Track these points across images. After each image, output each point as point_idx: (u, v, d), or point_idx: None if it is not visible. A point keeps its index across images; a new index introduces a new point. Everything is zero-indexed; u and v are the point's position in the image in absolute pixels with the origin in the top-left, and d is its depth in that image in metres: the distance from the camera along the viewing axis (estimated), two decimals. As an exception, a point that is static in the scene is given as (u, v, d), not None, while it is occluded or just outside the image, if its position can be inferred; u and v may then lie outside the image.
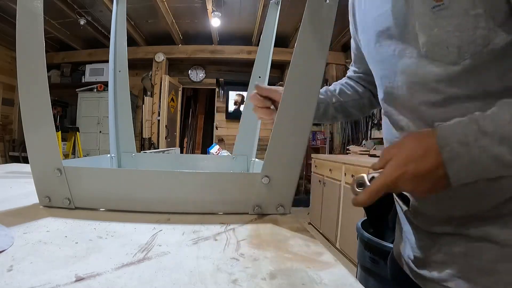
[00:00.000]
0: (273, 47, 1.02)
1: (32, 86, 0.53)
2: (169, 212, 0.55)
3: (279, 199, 0.55)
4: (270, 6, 1.02)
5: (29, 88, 0.53)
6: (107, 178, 0.57)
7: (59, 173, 0.53)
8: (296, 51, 0.51)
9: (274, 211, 0.56)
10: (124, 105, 1.00)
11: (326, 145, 4.59)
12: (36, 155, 0.54)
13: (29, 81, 0.52)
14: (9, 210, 0.53)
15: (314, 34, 0.50)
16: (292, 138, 0.54)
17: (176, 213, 0.55)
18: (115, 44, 0.97)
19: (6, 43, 4.41)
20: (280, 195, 0.56)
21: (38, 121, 0.53)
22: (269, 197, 0.55)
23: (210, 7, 3.59)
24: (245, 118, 1.04)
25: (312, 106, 0.53)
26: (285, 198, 0.55)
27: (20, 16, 0.50)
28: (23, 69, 0.52)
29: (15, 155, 4.71)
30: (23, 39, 0.51)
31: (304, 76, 0.52)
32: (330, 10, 0.49)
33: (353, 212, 2.37)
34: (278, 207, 0.56)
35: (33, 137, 0.54)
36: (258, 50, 1.01)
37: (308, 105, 0.53)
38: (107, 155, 0.98)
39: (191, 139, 6.21)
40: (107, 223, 0.49)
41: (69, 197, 0.54)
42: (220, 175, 0.60)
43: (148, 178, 0.57)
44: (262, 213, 0.56)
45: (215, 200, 0.56)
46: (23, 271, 0.31)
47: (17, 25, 0.50)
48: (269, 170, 0.54)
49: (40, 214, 0.51)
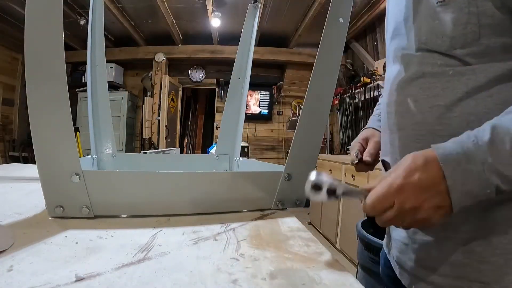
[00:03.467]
0: (253, 49, 1.04)
1: (44, 76, 0.44)
2: (199, 213, 0.56)
3: (296, 194, 0.61)
4: (248, 9, 1.04)
5: (40, 80, 0.44)
6: (134, 182, 0.52)
7: (78, 179, 0.48)
8: (316, 64, 0.57)
9: (294, 205, 0.62)
10: (102, 103, 0.94)
11: (326, 145, 4.59)
12: (47, 159, 0.47)
13: (41, 70, 0.44)
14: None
15: (331, 47, 0.58)
16: (309, 139, 0.61)
17: (206, 214, 0.56)
18: (92, 37, 0.91)
19: (6, 43, 4.41)
20: (298, 190, 0.61)
21: (51, 119, 0.46)
22: (290, 193, 0.61)
23: (210, 7, 3.59)
24: (226, 117, 1.05)
25: (327, 110, 0.61)
26: (301, 193, 0.59)
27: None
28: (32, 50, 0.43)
29: (15, 155, 4.71)
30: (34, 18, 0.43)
31: (321, 87, 0.60)
32: (343, 26, 0.58)
33: (353, 212, 2.37)
34: (296, 201, 0.63)
35: (44, 137, 0.46)
36: (237, 52, 1.04)
37: (324, 110, 0.61)
38: (89, 156, 0.92)
39: (191, 139, 6.21)
40: (107, 223, 0.49)
41: (88, 205, 0.49)
42: (246, 174, 0.61)
43: (181, 180, 0.55)
44: (283, 208, 0.61)
45: (239, 198, 0.59)
46: (23, 271, 0.31)
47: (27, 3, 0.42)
48: (291, 168, 0.60)
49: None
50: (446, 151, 0.36)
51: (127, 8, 3.84)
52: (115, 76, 4.82)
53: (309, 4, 3.56)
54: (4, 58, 4.56)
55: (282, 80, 5.17)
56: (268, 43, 4.67)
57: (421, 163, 0.36)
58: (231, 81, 1.05)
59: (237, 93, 1.05)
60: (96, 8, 0.92)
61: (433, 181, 0.36)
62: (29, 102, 0.44)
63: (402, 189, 0.36)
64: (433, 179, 0.36)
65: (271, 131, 5.22)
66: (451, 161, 0.36)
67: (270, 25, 4.18)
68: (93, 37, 0.92)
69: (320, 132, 0.62)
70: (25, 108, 0.56)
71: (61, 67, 0.45)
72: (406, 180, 0.36)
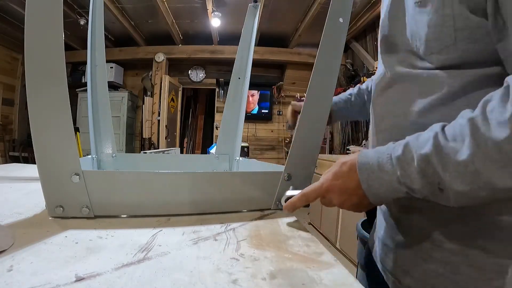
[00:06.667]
0: (253, 49, 1.04)
1: (44, 76, 0.44)
2: (199, 213, 0.56)
3: None
4: (248, 9, 1.04)
5: (40, 80, 0.44)
6: (133, 182, 0.52)
7: (78, 179, 0.48)
8: (316, 64, 0.57)
9: None
10: (102, 103, 0.93)
11: (326, 145, 4.59)
12: (47, 159, 0.47)
13: (41, 70, 0.44)
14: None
15: (331, 47, 0.58)
16: (309, 139, 0.61)
17: (206, 214, 0.56)
18: (92, 37, 0.91)
19: (6, 43, 4.41)
20: (298, 190, 0.60)
21: (52, 119, 0.46)
22: None
23: (210, 7, 3.59)
24: (226, 117, 1.05)
25: (327, 110, 0.61)
26: None
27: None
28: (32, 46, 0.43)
29: (15, 155, 4.71)
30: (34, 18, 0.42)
31: (321, 87, 0.59)
32: (343, 26, 0.58)
33: (353, 213, 2.37)
34: None
35: (44, 137, 0.46)
36: (237, 52, 1.04)
37: (324, 110, 0.61)
38: (89, 156, 0.92)
39: (191, 139, 6.21)
40: (107, 223, 0.49)
41: (88, 205, 0.49)
42: (246, 174, 0.61)
43: (181, 180, 0.55)
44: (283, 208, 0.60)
45: (238, 198, 0.58)
46: (23, 271, 0.31)
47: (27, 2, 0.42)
48: (291, 168, 0.60)
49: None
50: (365, 160, 0.43)
51: (127, 8, 3.84)
52: (115, 76, 4.82)
53: (309, 4, 3.56)
54: (4, 58, 4.56)
55: (282, 80, 5.17)
56: (268, 43, 4.67)
57: (345, 170, 0.45)
58: (231, 81, 1.05)
59: (237, 93, 1.05)
60: (96, 8, 0.92)
61: (352, 185, 0.44)
62: (29, 102, 0.44)
63: (329, 189, 0.46)
64: (353, 184, 0.44)
65: (271, 131, 5.22)
66: (367, 169, 0.42)
67: (270, 25, 4.18)
68: (93, 37, 0.91)
69: (320, 132, 0.62)
70: (25, 108, 0.56)
71: (61, 67, 0.45)
72: (332, 182, 0.46)
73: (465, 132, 0.34)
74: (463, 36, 0.40)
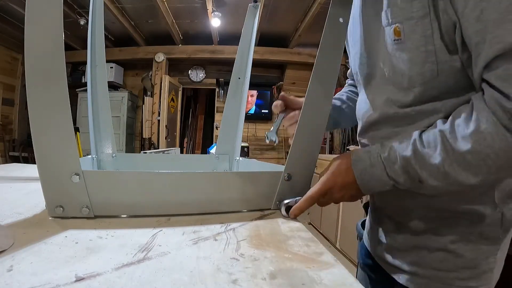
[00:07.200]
0: (253, 49, 1.03)
1: (44, 76, 0.44)
2: (199, 213, 0.56)
3: (296, 194, 0.60)
4: (248, 9, 1.04)
5: (40, 80, 0.44)
6: (133, 182, 0.52)
7: (78, 178, 0.47)
8: (316, 64, 0.58)
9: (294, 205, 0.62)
10: (102, 103, 0.93)
11: (326, 145, 4.59)
12: (47, 159, 0.46)
13: (41, 70, 0.44)
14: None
15: (331, 47, 0.58)
16: (309, 139, 0.61)
17: (206, 214, 0.56)
18: (92, 37, 0.91)
19: (6, 43, 4.41)
20: (298, 190, 0.61)
21: (52, 119, 0.46)
22: (290, 193, 0.60)
23: (210, 7, 3.59)
24: (226, 117, 1.05)
25: (327, 110, 0.61)
26: (301, 193, 0.59)
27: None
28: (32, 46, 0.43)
29: (15, 155, 4.71)
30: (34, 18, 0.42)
31: (321, 87, 0.60)
32: (343, 26, 0.59)
33: (353, 212, 2.37)
34: (296, 202, 0.61)
35: (44, 137, 0.46)
36: (237, 52, 1.03)
37: (324, 110, 0.61)
38: (89, 156, 0.91)
39: (191, 139, 6.21)
40: (107, 223, 0.49)
41: (88, 205, 0.49)
42: (246, 174, 0.61)
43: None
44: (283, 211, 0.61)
45: (238, 198, 0.58)
46: (23, 271, 0.31)
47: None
48: (291, 168, 0.60)
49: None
50: (357, 158, 0.51)
51: (127, 8, 3.84)
52: (115, 76, 4.83)
53: (309, 4, 3.56)
54: (4, 58, 4.56)
55: (282, 80, 5.17)
56: (268, 43, 4.67)
57: (344, 168, 0.53)
58: (231, 81, 1.05)
59: (237, 93, 1.05)
60: (96, 8, 0.91)
61: (349, 181, 0.52)
62: (29, 102, 0.44)
63: (332, 187, 0.54)
64: (350, 180, 0.52)
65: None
66: (360, 167, 0.51)
67: (270, 25, 4.18)
68: (93, 37, 0.91)
69: (320, 132, 0.62)
70: (25, 108, 0.56)
71: (61, 67, 0.45)
72: (333, 181, 0.53)
73: (437, 140, 0.43)
74: (446, 68, 0.45)
